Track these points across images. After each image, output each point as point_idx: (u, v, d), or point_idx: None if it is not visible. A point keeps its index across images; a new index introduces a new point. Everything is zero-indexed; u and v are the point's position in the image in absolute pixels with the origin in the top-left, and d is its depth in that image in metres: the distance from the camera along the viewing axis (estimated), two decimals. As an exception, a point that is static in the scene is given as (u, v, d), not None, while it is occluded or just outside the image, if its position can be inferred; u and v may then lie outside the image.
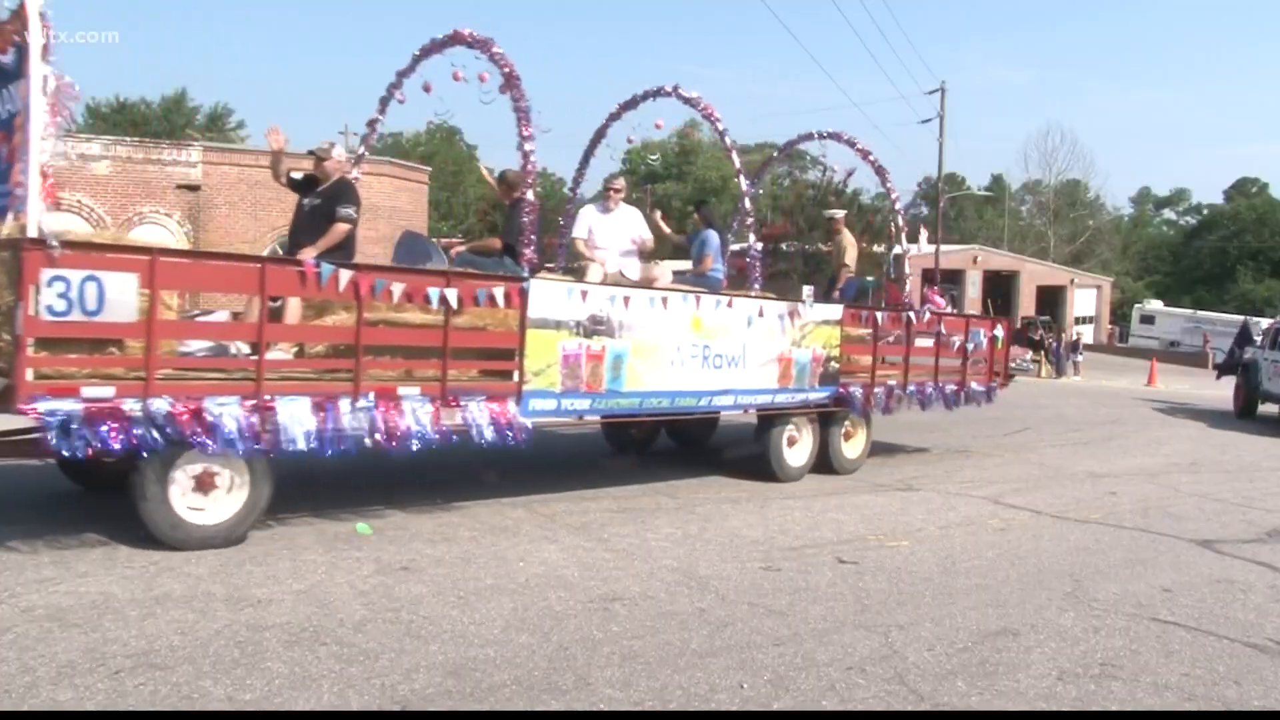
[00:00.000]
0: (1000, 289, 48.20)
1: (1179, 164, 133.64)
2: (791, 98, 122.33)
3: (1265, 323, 19.94)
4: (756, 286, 9.33)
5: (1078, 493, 9.25)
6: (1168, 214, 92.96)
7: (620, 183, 8.85)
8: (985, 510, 8.14)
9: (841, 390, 9.26)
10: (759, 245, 9.46)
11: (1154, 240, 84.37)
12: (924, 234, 45.11)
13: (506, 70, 6.79)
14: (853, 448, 9.84)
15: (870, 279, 35.68)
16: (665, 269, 8.81)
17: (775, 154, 13.31)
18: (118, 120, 49.20)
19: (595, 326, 7.13)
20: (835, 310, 9.23)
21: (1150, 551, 6.95)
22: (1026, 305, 48.24)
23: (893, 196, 11.04)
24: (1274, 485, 10.39)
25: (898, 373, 10.11)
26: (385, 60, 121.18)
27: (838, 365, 9.21)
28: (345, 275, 5.98)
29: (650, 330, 7.51)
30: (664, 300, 7.67)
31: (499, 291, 6.59)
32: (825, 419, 9.36)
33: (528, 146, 6.75)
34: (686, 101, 9.01)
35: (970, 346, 11.08)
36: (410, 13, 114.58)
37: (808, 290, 9.08)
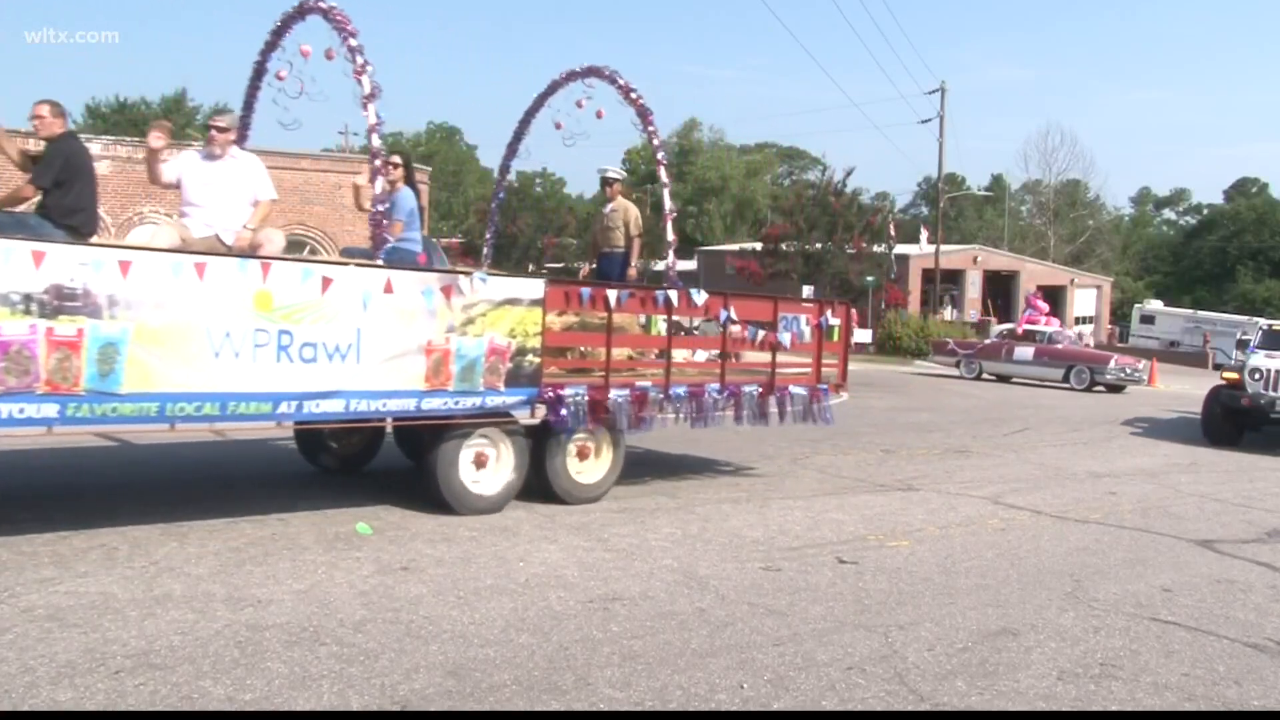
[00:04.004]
0: (1000, 289, 48.19)
1: (1179, 164, 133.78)
2: (792, 98, 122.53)
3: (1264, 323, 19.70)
4: (383, 253, 6.89)
5: (1078, 493, 9.25)
6: (1168, 214, 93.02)
7: (226, 120, 6.94)
8: (985, 510, 8.14)
9: (547, 394, 7.05)
10: (378, 190, 6.85)
11: (1154, 240, 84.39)
12: (924, 234, 44.84)
13: None
14: (591, 469, 7.61)
15: (870, 279, 35.75)
16: (277, 235, 6.92)
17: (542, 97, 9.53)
18: (118, 120, 49.21)
19: (63, 303, 5.19)
20: (528, 287, 7.02)
21: (1150, 551, 6.95)
22: (1027, 305, 48.20)
23: (655, 144, 8.62)
24: (1274, 485, 10.39)
25: (656, 371, 7.92)
26: (385, 60, 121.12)
27: (537, 360, 6.98)
28: None
29: (172, 308, 5.50)
30: (198, 267, 5.60)
31: None
32: (541, 431, 7.26)
33: None
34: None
35: (783, 339, 8.66)
36: (409, 13, 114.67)
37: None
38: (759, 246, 38.46)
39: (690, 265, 50.85)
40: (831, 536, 6.87)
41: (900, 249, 40.39)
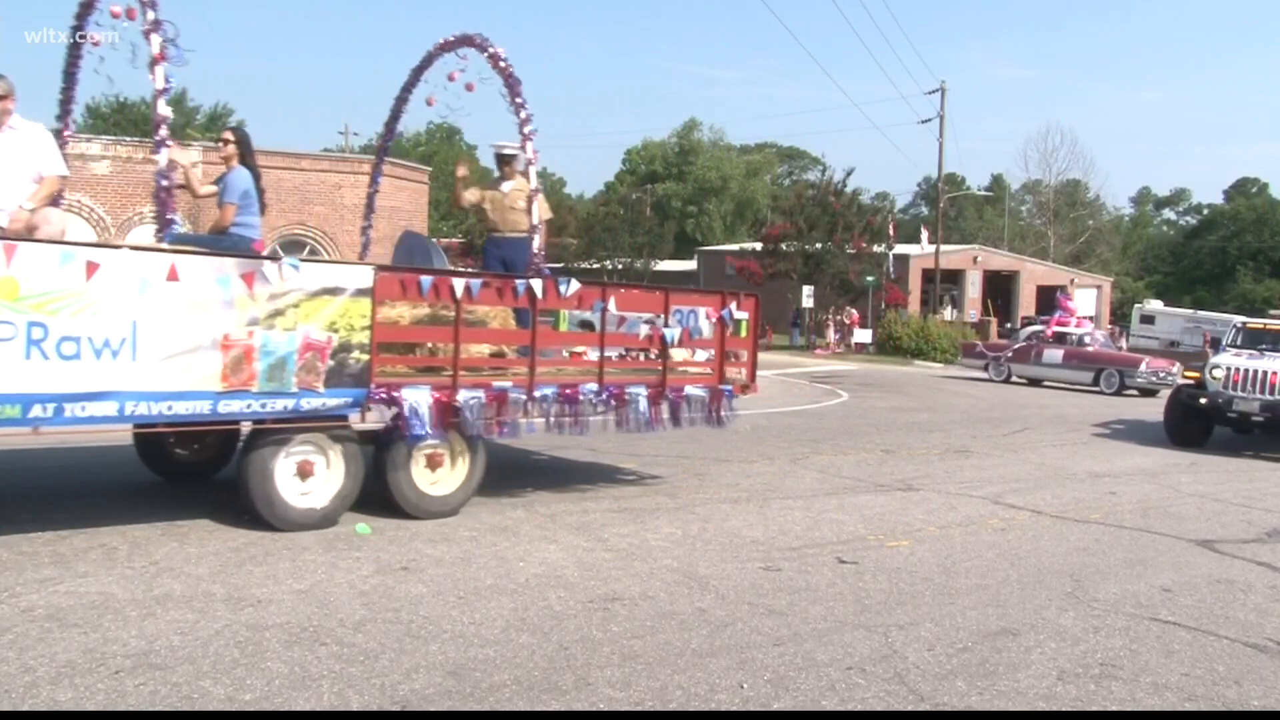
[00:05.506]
0: (1000, 289, 48.22)
1: (1179, 164, 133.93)
2: (793, 98, 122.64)
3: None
4: (172, 231, 6.14)
5: (1078, 493, 9.25)
6: (1168, 214, 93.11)
7: (2, 86, 5.97)
8: (985, 510, 8.14)
9: (380, 395, 6.27)
10: (162, 163, 6.21)
11: (1154, 240, 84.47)
12: (924, 234, 44.92)
13: None
14: (444, 481, 6.81)
15: (871, 279, 35.68)
16: (57, 215, 6.17)
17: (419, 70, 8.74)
18: (118, 120, 49.16)
19: None
20: (353, 274, 6.20)
21: (1150, 551, 6.95)
22: (1026, 305, 48.22)
23: (521, 117, 7.38)
24: (1274, 485, 10.39)
25: (519, 370, 7.07)
26: (386, 59, 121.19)
27: (365, 357, 6.19)
28: None
29: None
30: None
31: None
32: (384, 438, 6.56)
33: None
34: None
35: (671, 335, 7.73)
36: (407, 12, 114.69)
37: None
38: (759, 246, 38.55)
39: (690, 265, 50.91)
40: (831, 536, 6.87)
41: (900, 249, 40.45)
